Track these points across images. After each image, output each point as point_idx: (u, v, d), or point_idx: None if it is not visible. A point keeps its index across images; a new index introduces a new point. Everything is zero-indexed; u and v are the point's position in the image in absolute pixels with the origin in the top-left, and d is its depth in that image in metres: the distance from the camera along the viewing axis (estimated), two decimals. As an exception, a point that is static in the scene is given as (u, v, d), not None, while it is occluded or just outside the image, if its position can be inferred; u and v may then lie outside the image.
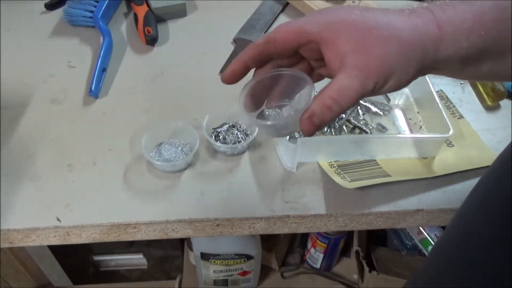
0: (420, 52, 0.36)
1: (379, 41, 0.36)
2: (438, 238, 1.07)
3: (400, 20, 0.37)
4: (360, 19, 0.37)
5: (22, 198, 0.54)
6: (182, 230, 0.54)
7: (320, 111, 0.37)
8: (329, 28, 0.37)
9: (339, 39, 0.36)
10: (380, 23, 0.36)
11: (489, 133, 0.63)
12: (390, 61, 0.36)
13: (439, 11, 0.37)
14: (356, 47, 0.36)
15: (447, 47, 0.37)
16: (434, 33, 0.36)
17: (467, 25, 0.36)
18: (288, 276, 1.17)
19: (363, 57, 0.36)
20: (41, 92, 0.67)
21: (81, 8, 0.76)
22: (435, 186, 0.56)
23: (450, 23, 0.36)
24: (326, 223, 0.55)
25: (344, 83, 0.36)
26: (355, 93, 0.36)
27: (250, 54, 0.41)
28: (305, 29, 0.38)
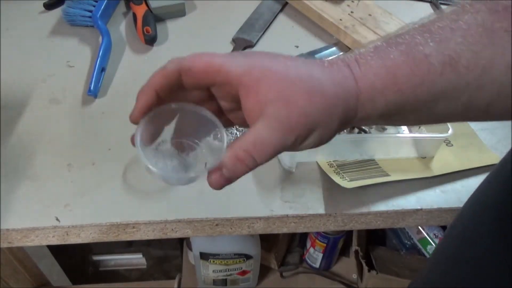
0: (342, 107, 0.34)
1: (302, 94, 0.33)
2: (440, 238, 1.08)
3: (322, 72, 0.34)
4: (283, 68, 0.34)
5: (21, 198, 0.54)
6: (181, 229, 0.54)
7: (231, 164, 0.35)
8: (251, 73, 0.34)
9: (260, 87, 0.34)
10: (303, 74, 0.34)
11: (488, 133, 0.63)
12: (313, 114, 0.34)
13: (355, 66, 0.35)
14: (278, 97, 0.33)
15: (364, 105, 0.35)
16: (353, 88, 0.34)
17: (381, 82, 0.34)
18: (287, 276, 1.17)
19: (285, 109, 0.33)
20: (40, 92, 0.67)
21: (80, 8, 0.76)
22: (434, 185, 0.56)
23: (365, 79, 0.34)
24: (325, 223, 0.55)
25: (262, 135, 0.34)
26: (272, 147, 0.34)
27: (160, 83, 0.37)
28: (225, 68, 0.34)
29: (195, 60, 0.36)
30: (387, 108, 0.35)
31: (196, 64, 0.36)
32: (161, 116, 0.38)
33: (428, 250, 1.07)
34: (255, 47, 0.76)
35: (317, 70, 0.34)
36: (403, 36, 0.34)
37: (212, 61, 0.35)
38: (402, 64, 0.33)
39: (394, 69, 0.34)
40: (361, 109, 0.35)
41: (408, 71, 0.33)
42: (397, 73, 0.33)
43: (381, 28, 0.74)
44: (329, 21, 0.76)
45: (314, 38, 0.77)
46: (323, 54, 0.74)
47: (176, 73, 0.37)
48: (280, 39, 0.77)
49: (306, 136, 0.35)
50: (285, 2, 0.83)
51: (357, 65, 0.35)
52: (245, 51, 0.37)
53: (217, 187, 0.37)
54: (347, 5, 0.79)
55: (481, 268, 0.42)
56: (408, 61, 0.33)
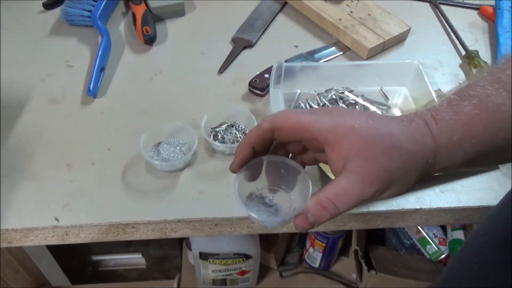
0: (420, 163, 0.37)
1: (382, 151, 0.36)
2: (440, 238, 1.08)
3: (401, 130, 0.37)
4: (364, 126, 0.37)
5: (20, 198, 0.54)
6: (180, 229, 0.54)
7: (315, 210, 0.38)
8: (335, 131, 0.37)
9: (343, 144, 0.37)
10: (383, 132, 0.37)
11: (487, 132, 0.63)
12: (391, 170, 0.36)
13: (432, 123, 0.37)
14: (359, 153, 0.36)
15: (443, 159, 0.37)
16: (431, 144, 0.37)
17: (458, 136, 0.36)
18: (286, 276, 1.17)
19: (366, 164, 0.36)
20: (39, 92, 0.67)
21: (79, 8, 0.76)
22: (433, 185, 0.56)
23: (442, 135, 0.36)
24: (325, 223, 0.55)
25: (344, 187, 0.37)
26: (353, 198, 0.37)
27: (255, 140, 0.41)
28: (313, 127, 0.38)
29: (285, 121, 0.39)
30: (465, 157, 0.37)
31: (286, 124, 0.39)
32: (254, 168, 0.43)
33: (428, 249, 1.07)
34: (255, 47, 0.76)
35: (396, 128, 0.37)
36: (475, 89, 0.37)
37: (300, 121, 0.39)
38: (476, 117, 0.36)
39: (470, 122, 0.36)
40: (440, 162, 0.37)
41: (484, 122, 0.35)
42: (473, 126, 0.36)
43: (381, 28, 0.74)
44: (328, 21, 0.76)
45: (314, 38, 0.78)
46: (323, 54, 0.74)
47: (269, 132, 0.40)
48: (279, 39, 0.77)
49: (385, 189, 0.37)
50: (284, 2, 0.83)
51: (434, 122, 0.37)
52: (329, 109, 0.42)
53: (301, 230, 0.40)
54: (346, 5, 0.79)
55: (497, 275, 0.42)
56: (481, 114, 0.35)
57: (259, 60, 0.72)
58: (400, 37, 0.76)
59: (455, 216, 0.56)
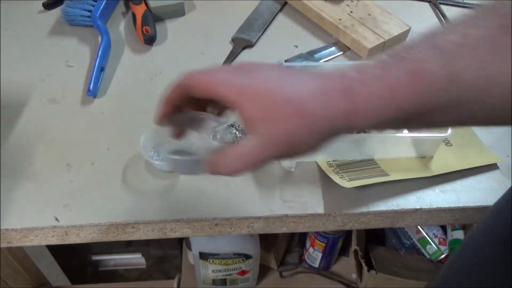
0: (328, 126, 0.37)
1: (289, 116, 0.36)
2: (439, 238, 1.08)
3: (313, 94, 0.36)
4: (275, 90, 0.37)
5: (20, 198, 0.54)
6: (180, 229, 0.54)
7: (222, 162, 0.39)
8: (242, 95, 0.37)
9: (252, 108, 0.37)
10: (292, 97, 0.36)
11: (487, 132, 0.63)
12: (297, 134, 0.37)
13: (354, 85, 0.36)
14: (265, 117, 0.37)
15: (359, 121, 0.36)
16: (346, 109, 0.36)
17: (381, 102, 0.35)
18: (286, 276, 1.17)
19: (271, 128, 0.37)
20: (39, 92, 0.67)
21: (79, 8, 0.76)
22: (433, 185, 0.56)
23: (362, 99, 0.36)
24: (325, 223, 0.55)
25: (248, 148, 0.38)
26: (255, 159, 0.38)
27: (173, 97, 0.43)
28: (220, 89, 0.38)
29: (198, 79, 0.39)
30: (385, 122, 0.36)
31: (198, 84, 0.39)
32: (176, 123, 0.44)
33: (428, 249, 1.07)
34: (255, 47, 0.76)
35: (308, 92, 0.36)
36: (410, 52, 0.35)
37: (210, 81, 0.38)
38: (405, 82, 0.34)
39: (396, 88, 0.34)
40: (355, 124, 0.37)
41: (411, 89, 0.34)
42: (400, 89, 0.34)
43: (381, 28, 0.74)
44: (328, 21, 0.76)
45: (314, 37, 0.78)
46: (323, 54, 0.74)
47: (181, 89, 0.41)
48: (279, 39, 0.77)
49: (289, 151, 0.38)
50: (284, 2, 0.83)
51: (356, 83, 0.36)
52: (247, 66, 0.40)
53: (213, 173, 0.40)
54: (346, 4, 0.79)
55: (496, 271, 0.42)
56: (411, 79, 0.34)
57: (259, 60, 0.72)
58: (400, 37, 0.76)
59: (455, 216, 0.56)
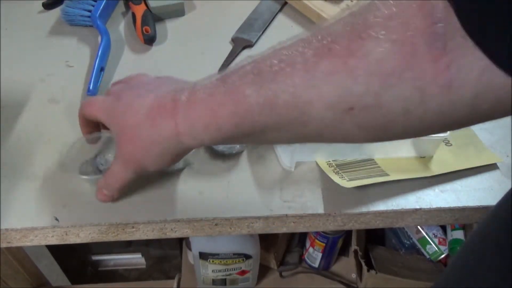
0: (160, 148, 0.42)
1: (128, 140, 0.44)
2: (439, 237, 1.08)
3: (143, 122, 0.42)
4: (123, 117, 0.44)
5: (20, 198, 0.54)
6: (180, 229, 0.54)
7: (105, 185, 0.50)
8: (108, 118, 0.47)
9: (112, 130, 0.46)
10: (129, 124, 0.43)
11: (487, 132, 0.63)
12: (136, 155, 0.44)
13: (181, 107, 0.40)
14: (117, 140, 0.45)
15: (188, 141, 0.41)
16: (172, 132, 0.41)
17: (203, 123, 0.39)
18: (286, 276, 1.17)
19: (120, 150, 0.45)
20: (39, 92, 0.67)
21: (79, 8, 0.76)
22: (433, 185, 0.56)
23: (186, 122, 0.40)
24: (325, 223, 0.55)
25: (113, 170, 0.48)
26: (119, 179, 0.48)
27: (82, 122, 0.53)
28: (98, 117, 0.48)
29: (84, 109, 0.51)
30: (213, 140, 0.40)
31: (84, 112, 0.50)
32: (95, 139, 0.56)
33: (427, 249, 1.08)
34: (255, 47, 0.76)
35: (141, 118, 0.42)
36: (234, 76, 0.38)
37: (91, 111, 0.49)
38: (223, 104, 0.37)
39: (216, 109, 0.38)
40: (186, 143, 0.41)
41: (229, 111, 0.37)
42: (218, 113, 0.37)
43: (380, 28, 0.74)
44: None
45: (313, 37, 0.77)
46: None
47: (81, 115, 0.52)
48: (279, 39, 0.76)
49: (142, 168, 0.46)
50: (284, 2, 0.83)
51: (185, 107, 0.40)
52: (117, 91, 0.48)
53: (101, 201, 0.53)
54: (346, 4, 0.79)
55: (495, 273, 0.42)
56: (229, 102, 0.37)
57: (259, 60, 0.72)
58: (400, 37, 0.76)
59: (455, 216, 0.56)
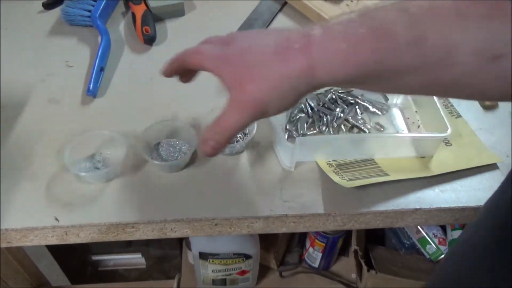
0: (288, 85, 0.39)
1: (251, 81, 0.40)
2: (439, 237, 1.08)
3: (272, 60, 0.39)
4: (241, 57, 0.41)
5: (20, 198, 0.54)
6: (180, 229, 0.54)
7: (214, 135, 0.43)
8: (220, 65, 0.43)
9: (223, 76, 0.42)
10: (255, 63, 0.40)
11: (487, 132, 0.63)
12: (261, 97, 0.40)
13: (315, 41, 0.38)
14: (234, 85, 0.41)
15: (321, 75, 0.38)
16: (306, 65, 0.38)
17: (342, 56, 0.36)
18: (286, 276, 1.17)
19: (239, 94, 0.41)
20: (39, 92, 0.67)
21: (79, 8, 0.76)
22: (433, 185, 0.56)
23: (323, 55, 0.37)
24: (325, 223, 0.55)
25: (226, 115, 0.42)
26: (235, 123, 0.42)
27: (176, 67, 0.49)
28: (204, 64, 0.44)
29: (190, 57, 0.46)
30: (348, 77, 0.37)
31: (190, 60, 0.46)
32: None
33: (427, 249, 1.07)
34: (254, 47, 0.76)
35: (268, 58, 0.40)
36: (379, 12, 0.36)
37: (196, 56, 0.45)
38: (365, 40, 0.35)
39: (356, 44, 0.36)
40: (320, 79, 0.38)
41: (373, 47, 0.35)
42: (361, 47, 0.35)
43: (380, 28, 0.74)
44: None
45: (313, 37, 0.77)
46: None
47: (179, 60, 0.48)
48: (279, 39, 0.77)
49: (262, 112, 0.41)
50: (284, 2, 0.83)
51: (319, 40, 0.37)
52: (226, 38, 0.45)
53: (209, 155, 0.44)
54: (346, 4, 0.79)
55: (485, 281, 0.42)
56: (373, 38, 0.35)
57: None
58: (400, 37, 0.76)
59: (455, 216, 0.56)
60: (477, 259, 0.44)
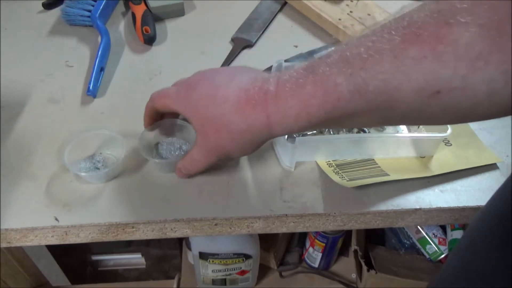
0: (249, 137, 0.44)
1: (214, 130, 0.45)
2: (439, 237, 1.08)
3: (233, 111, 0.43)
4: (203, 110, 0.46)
5: (20, 198, 0.54)
6: (180, 229, 0.54)
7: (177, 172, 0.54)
8: (186, 111, 0.49)
9: (192, 120, 0.48)
10: (216, 116, 0.44)
11: (486, 132, 0.63)
12: (223, 145, 0.46)
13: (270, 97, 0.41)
14: (199, 130, 0.47)
15: (277, 131, 0.43)
16: (263, 122, 0.42)
17: (293, 113, 0.40)
18: (286, 276, 1.17)
19: (204, 140, 0.47)
20: (38, 92, 0.67)
21: (79, 7, 0.76)
22: (433, 185, 0.56)
23: (278, 113, 0.41)
24: (325, 222, 0.55)
25: (193, 156, 0.51)
26: (199, 165, 0.52)
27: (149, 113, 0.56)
28: (173, 108, 0.50)
29: (157, 101, 0.53)
30: (302, 128, 0.42)
31: (158, 105, 0.53)
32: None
33: (427, 249, 1.08)
34: (254, 47, 0.76)
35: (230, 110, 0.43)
36: (322, 66, 0.39)
37: (165, 103, 0.51)
38: (314, 94, 0.38)
39: (307, 100, 0.39)
40: (275, 132, 0.43)
41: (320, 100, 0.38)
42: (309, 104, 0.39)
43: (380, 28, 0.74)
44: (328, 21, 0.76)
45: (313, 37, 0.78)
46: (322, 53, 0.73)
47: (152, 108, 0.55)
48: (279, 39, 0.77)
49: (224, 157, 0.48)
50: (284, 2, 0.83)
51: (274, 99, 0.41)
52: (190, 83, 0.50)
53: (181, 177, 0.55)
54: (346, 4, 0.79)
55: (487, 278, 0.42)
56: (320, 91, 0.38)
57: (258, 60, 0.72)
58: (400, 37, 0.76)
59: (454, 216, 0.56)
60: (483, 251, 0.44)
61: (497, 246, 0.41)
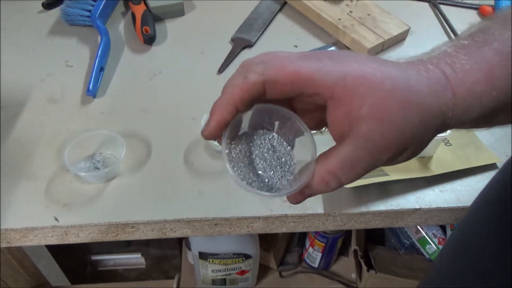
0: (438, 120, 0.31)
1: (398, 109, 0.29)
2: (439, 237, 1.08)
3: (420, 81, 0.30)
4: (379, 77, 0.29)
5: (20, 198, 0.54)
6: (180, 229, 0.54)
7: (316, 185, 0.32)
8: (344, 83, 0.29)
9: (353, 99, 0.29)
10: (400, 84, 0.30)
11: (486, 132, 0.63)
12: (409, 131, 0.30)
13: (449, 72, 0.31)
14: (372, 113, 0.29)
15: (459, 113, 0.31)
16: (451, 98, 0.30)
17: (479, 88, 0.30)
18: (286, 275, 1.17)
19: (379, 127, 0.29)
20: (38, 92, 0.67)
21: (79, 7, 0.76)
22: (432, 185, 0.56)
23: (463, 87, 0.30)
24: (324, 222, 0.55)
25: (351, 156, 0.30)
26: (362, 169, 0.30)
27: (240, 98, 0.31)
28: (316, 79, 0.30)
29: (280, 71, 0.31)
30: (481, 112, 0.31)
31: (282, 76, 0.31)
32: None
33: (427, 249, 1.08)
34: (254, 47, 0.76)
35: (415, 78, 0.30)
36: (491, 32, 0.31)
37: (300, 71, 0.30)
38: (498, 65, 0.30)
39: (491, 71, 0.30)
40: (456, 116, 0.31)
41: (505, 72, 0.30)
42: (495, 76, 0.30)
43: (380, 28, 0.74)
44: (328, 21, 0.76)
45: (313, 37, 0.78)
46: None
47: (260, 86, 0.31)
48: (279, 39, 0.77)
49: (400, 153, 0.31)
50: (284, 2, 0.83)
51: (451, 70, 0.31)
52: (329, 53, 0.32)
53: (295, 203, 0.33)
54: (346, 4, 0.79)
55: (482, 269, 0.42)
56: (503, 61, 0.30)
57: (258, 60, 0.72)
58: (400, 37, 0.76)
59: (454, 216, 0.56)
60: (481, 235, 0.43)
61: (496, 226, 0.41)
